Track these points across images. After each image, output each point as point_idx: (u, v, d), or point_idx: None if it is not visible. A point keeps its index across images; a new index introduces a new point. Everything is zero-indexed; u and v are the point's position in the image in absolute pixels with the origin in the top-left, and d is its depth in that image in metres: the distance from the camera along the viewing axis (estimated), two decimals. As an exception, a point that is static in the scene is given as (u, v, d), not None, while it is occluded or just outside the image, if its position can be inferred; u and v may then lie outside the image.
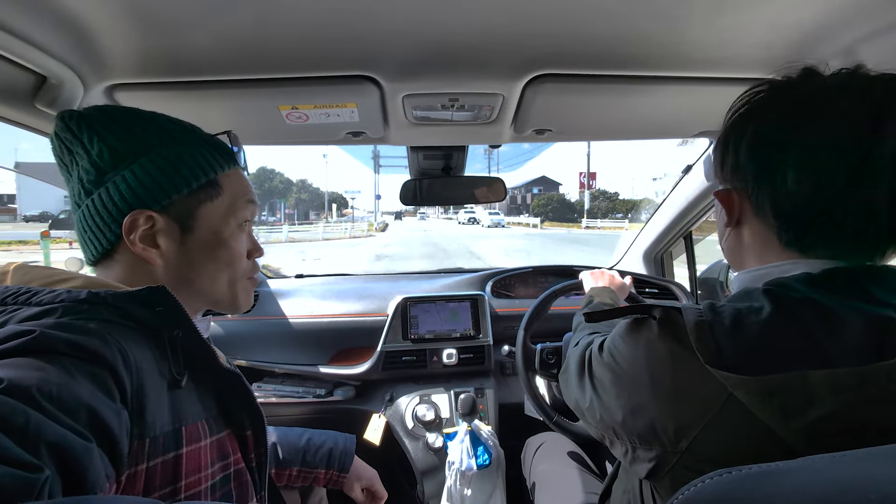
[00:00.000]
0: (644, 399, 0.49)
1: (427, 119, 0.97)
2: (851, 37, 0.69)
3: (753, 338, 0.41)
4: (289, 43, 0.70)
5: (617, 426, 0.53)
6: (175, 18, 0.63)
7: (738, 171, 0.51)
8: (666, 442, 0.46)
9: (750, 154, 0.49)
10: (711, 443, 0.43)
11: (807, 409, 0.38)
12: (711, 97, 0.89)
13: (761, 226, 0.51)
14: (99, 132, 0.53)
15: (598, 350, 0.59)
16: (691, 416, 0.44)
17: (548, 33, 0.69)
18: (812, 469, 0.31)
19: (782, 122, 0.47)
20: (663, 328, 0.48)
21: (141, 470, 0.44)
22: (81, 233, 0.56)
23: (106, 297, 0.46)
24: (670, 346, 0.46)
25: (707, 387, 0.42)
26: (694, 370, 0.43)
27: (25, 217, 38.30)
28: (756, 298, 0.45)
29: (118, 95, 0.81)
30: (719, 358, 0.41)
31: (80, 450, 0.35)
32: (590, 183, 42.31)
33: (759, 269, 0.51)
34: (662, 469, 0.48)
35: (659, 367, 0.47)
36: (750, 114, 0.50)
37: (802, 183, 0.45)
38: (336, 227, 31.78)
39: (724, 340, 0.42)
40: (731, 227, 0.55)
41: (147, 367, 0.47)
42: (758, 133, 0.48)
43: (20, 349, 0.38)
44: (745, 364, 0.40)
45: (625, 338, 0.53)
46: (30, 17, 0.60)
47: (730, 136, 0.52)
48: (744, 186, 0.51)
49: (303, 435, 0.98)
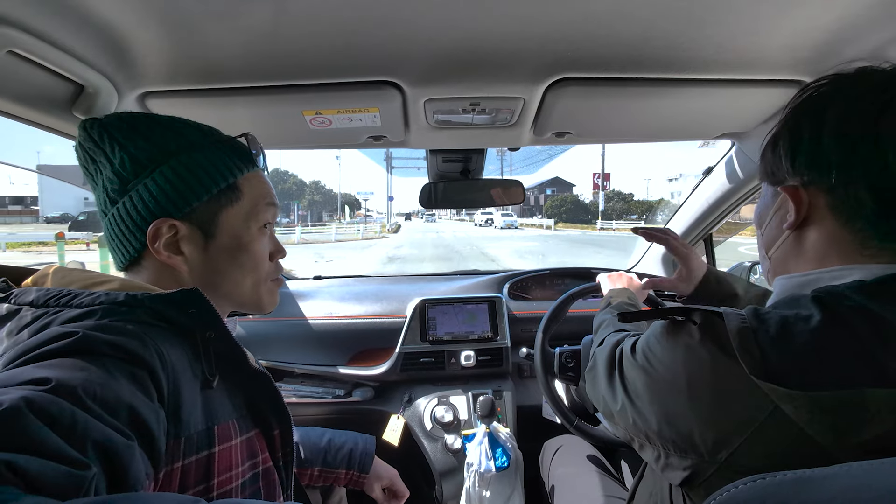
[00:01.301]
0: (681, 407, 0.47)
1: (448, 123, 0.98)
2: (879, 38, 0.68)
3: (802, 348, 0.39)
4: (313, 50, 0.71)
5: (650, 432, 0.51)
6: (205, 28, 0.65)
7: (817, 161, 0.47)
8: (704, 452, 0.45)
9: (835, 140, 0.45)
10: (755, 456, 0.41)
11: (862, 427, 0.36)
12: (735, 99, 0.88)
13: (835, 224, 0.47)
14: (119, 141, 0.54)
15: (630, 351, 0.56)
16: (733, 427, 0.42)
17: (570, 37, 0.70)
18: (850, 475, 0.31)
19: (869, 104, 0.44)
20: (705, 333, 0.46)
21: (177, 468, 0.45)
22: (109, 240, 0.57)
23: (143, 300, 0.48)
24: (712, 352, 0.44)
25: (751, 398, 0.41)
26: (737, 379, 0.41)
27: (47, 218, 39.24)
28: (804, 306, 0.42)
29: (150, 102, 0.83)
30: (764, 368, 0.40)
31: (122, 448, 0.36)
32: (604, 184, 41.92)
33: (807, 275, 0.49)
34: (698, 478, 0.46)
35: (698, 374, 0.45)
36: (825, 101, 0.48)
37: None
38: (349, 228, 31.97)
39: (769, 349, 0.40)
40: (794, 228, 0.50)
41: (182, 368, 0.48)
42: (843, 117, 0.45)
43: (64, 350, 0.39)
44: (793, 376, 0.39)
45: (661, 340, 0.51)
46: (69, 29, 0.62)
47: (802, 125, 0.49)
48: (821, 179, 0.47)
49: (323, 435, 0.99)
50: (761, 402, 0.40)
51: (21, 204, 51.03)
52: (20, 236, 16.40)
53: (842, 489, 0.30)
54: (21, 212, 48.24)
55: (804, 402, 0.38)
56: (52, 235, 11.03)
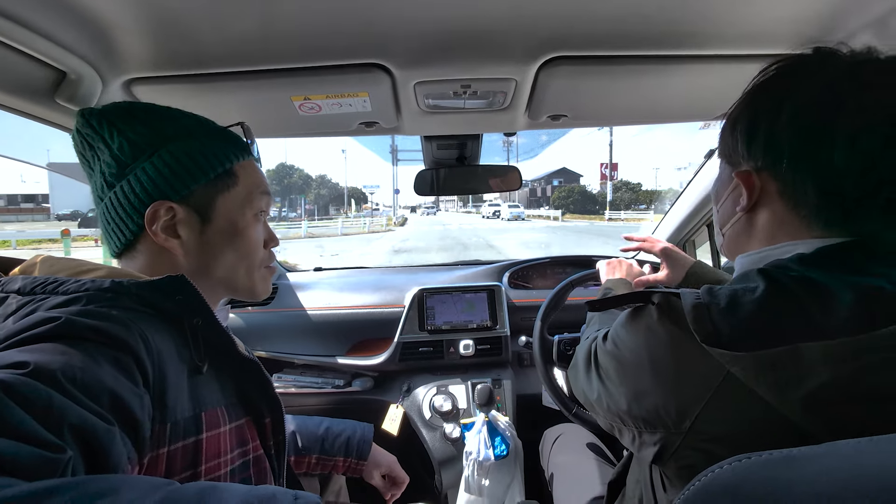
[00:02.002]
0: (646, 384, 0.50)
1: (439, 107, 0.96)
2: (883, 6, 0.65)
3: (748, 316, 0.42)
4: (298, 32, 0.70)
5: (622, 413, 0.54)
6: (188, 12, 0.64)
7: (771, 148, 0.49)
8: (669, 424, 0.47)
9: (790, 131, 0.47)
10: (714, 421, 0.44)
11: (800, 381, 0.38)
12: (737, 77, 0.84)
13: (783, 207, 0.50)
14: (118, 126, 0.55)
15: (602, 341, 0.60)
16: (692, 395, 0.45)
17: (559, 14, 0.68)
18: (836, 455, 0.30)
19: (828, 98, 0.45)
20: (662, 313, 0.49)
21: (162, 453, 0.45)
22: (105, 225, 0.58)
23: (129, 287, 0.47)
24: (669, 329, 0.47)
25: (706, 365, 0.43)
26: (692, 350, 0.44)
27: (58, 216, 39.92)
28: (752, 279, 0.45)
29: (135, 90, 0.82)
30: (716, 336, 0.42)
31: (102, 432, 0.36)
32: (612, 174, 41.60)
33: (760, 252, 0.52)
34: (668, 451, 0.48)
35: (659, 351, 0.48)
36: (786, 89, 0.49)
37: (852, 160, 0.44)
38: (355, 221, 32.12)
39: (720, 320, 0.43)
40: (745, 211, 0.53)
41: (168, 354, 0.48)
42: (800, 108, 0.46)
43: (47, 335, 0.39)
44: (740, 341, 0.41)
45: (626, 326, 0.54)
46: (50, 15, 0.61)
47: (759, 110, 0.50)
48: (773, 165, 0.49)
49: (321, 424, 0.99)
50: (715, 369, 0.43)
51: (33, 202, 51.88)
52: (30, 233, 16.71)
53: (826, 469, 0.29)
54: (33, 209, 49.07)
55: (749, 362, 0.40)
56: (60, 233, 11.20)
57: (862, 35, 0.69)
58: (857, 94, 0.44)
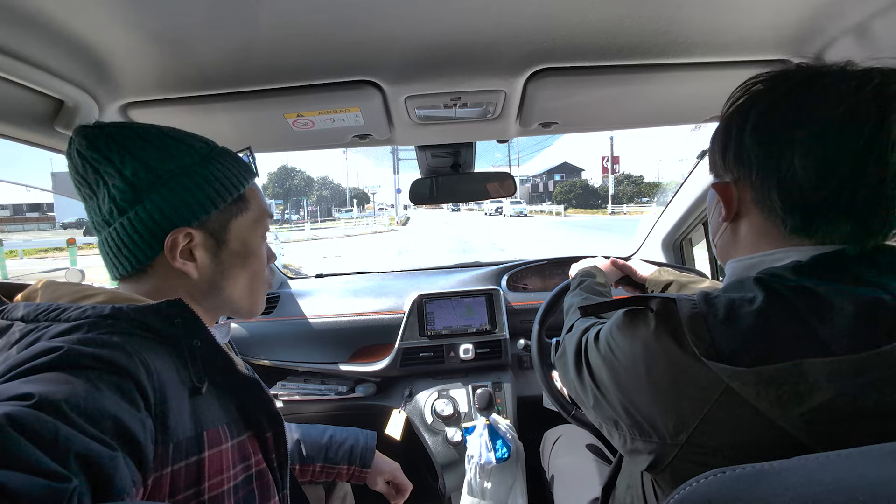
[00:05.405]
0: (642, 393, 0.49)
1: (431, 118, 0.97)
2: (863, 11, 0.65)
3: (747, 328, 0.42)
4: (290, 53, 0.72)
5: (617, 418, 0.54)
6: (181, 36, 0.65)
7: (742, 159, 0.50)
8: (666, 435, 0.47)
9: (755, 140, 0.48)
10: (711, 433, 0.43)
11: (803, 398, 0.38)
12: (721, 82, 0.86)
13: (760, 216, 0.50)
14: (131, 151, 0.54)
15: (594, 340, 0.59)
16: (690, 408, 0.44)
17: (544, 28, 0.69)
18: (802, 470, 0.31)
19: (787, 107, 0.46)
20: (659, 323, 0.48)
21: (166, 474, 0.46)
22: (114, 250, 0.56)
23: (128, 312, 0.49)
24: (667, 339, 0.47)
25: (704, 379, 0.43)
26: (691, 363, 0.44)
27: (63, 224, 40.06)
28: (749, 288, 0.45)
29: (132, 113, 0.84)
30: (715, 350, 0.42)
31: (106, 459, 0.37)
32: (613, 167, 41.36)
33: (751, 258, 0.52)
34: (662, 462, 0.48)
35: (656, 363, 0.47)
36: (752, 101, 0.50)
37: (809, 168, 0.44)
38: (358, 222, 32.16)
39: (718, 332, 0.42)
40: (729, 221, 0.54)
41: (168, 376, 0.49)
42: (762, 118, 0.48)
43: (50, 365, 0.40)
44: (740, 355, 0.41)
45: (623, 330, 0.53)
46: (45, 47, 0.63)
47: (731, 124, 0.51)
48: (746, 175, 0.50)
49: (325, 432, 1.01)
50: (713, 382, 0.42)
51: (38, 211, 52.11)
52: (35, 243, 16.83)
53: (794, 483, 0.30)
54: (38, 219, 49.27)
55: (750, 378, 0.40)
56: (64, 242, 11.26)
57: (843, 40, 0.70)
58: (814, 101, 0.45)
